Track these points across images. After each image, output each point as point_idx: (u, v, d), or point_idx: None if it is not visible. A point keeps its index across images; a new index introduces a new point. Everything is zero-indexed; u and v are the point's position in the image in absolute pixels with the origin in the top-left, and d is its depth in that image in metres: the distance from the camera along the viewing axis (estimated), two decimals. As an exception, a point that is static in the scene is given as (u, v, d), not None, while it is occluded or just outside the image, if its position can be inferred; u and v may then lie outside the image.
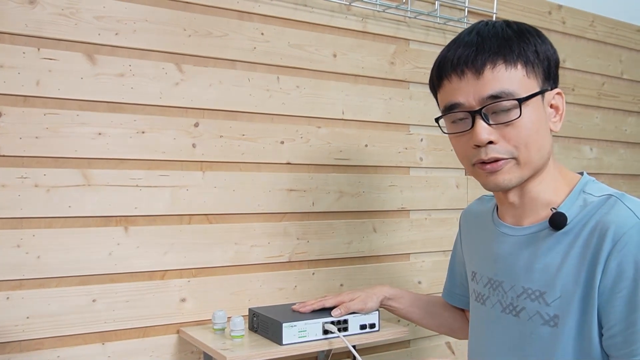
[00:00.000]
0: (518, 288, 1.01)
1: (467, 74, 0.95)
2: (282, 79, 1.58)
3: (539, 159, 0.98)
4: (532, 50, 0.95)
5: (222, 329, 1.38)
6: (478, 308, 1.12)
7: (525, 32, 0.97)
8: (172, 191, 1.43)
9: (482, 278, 1.11)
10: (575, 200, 0.99)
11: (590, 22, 2.26)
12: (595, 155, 2.28)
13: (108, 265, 1.36)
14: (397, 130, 1.78)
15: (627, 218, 0.90)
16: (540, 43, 0.97)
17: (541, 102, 0.97)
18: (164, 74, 1.42)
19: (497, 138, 0.95)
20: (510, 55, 0.94)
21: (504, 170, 0.97)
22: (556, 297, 0.95)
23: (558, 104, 1.00)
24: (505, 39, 0.95)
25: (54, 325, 1.30)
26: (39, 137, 1.29)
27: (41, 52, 1.29)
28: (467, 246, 1.23)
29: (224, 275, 1.50)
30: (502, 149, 0.95)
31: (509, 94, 0.93)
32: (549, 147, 0.99)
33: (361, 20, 1.71)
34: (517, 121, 0.94)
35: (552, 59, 0.99)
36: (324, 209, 1.65)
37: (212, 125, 1.48)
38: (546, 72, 0.97)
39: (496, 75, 0.93)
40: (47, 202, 1.30)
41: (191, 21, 1.45)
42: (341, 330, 1.33)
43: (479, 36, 0.96)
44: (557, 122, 1.00)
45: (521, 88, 0.94)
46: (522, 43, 0.95)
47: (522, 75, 0.94)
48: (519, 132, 0.94)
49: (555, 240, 0.98)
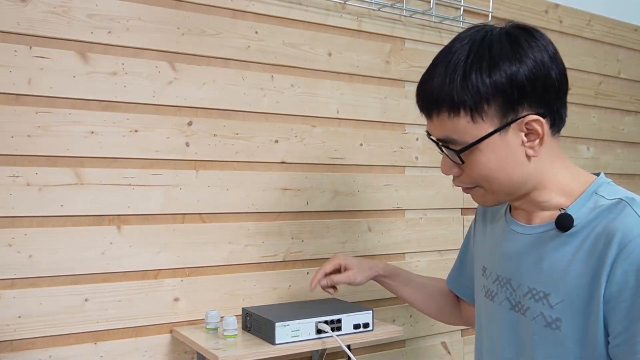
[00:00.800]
0: (524, 287, 1.01)
1: (425, 113, 1.00)
2: (277, 77, 1.57)
3: (506, 189, 0.97)
4: (474, 93, 0.91)
5: (215, 329, 1.37)
6: (487, 304, 1.11)
7: (474, 66, 0.91)
8: (165, 190, 1.43)
9: (492, 274, 1.10)
10: (586, 202, 0.96)
11: (587, 21, 2.26)
12: (592, 155, 2.28)
13: (100, 264, 1.35)
14: (393, 129, 1.78)
15: (634, 225, 0.88)
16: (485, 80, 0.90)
17: (500, 138, 0.93)
18: (157, 72, 1.42)
19: (458, 171, 0.99)
20: (451, 103, 0.93)
21: (476, 195, 1.01)
22: (560, 300, 0.94)
23: (536, 129, 0.93)
24: (449, 83, 0.93)
25: (45, 324, 1.30)
26: (30, 135, 1.28)
27: (33, 51, 1.29)
28: (479, 240, 1.21)
29: (217, 274, 1.49)
30: (465, 180, 0.99)
31: (451, 141, 0.95)
32: (521, 175, 0.96)
33: (356, 18, 1.70)
34: (465, 165, 0.96)
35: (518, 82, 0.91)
36: (319, 209, 1.64)
37: (206, 124, 1.48)
38: (505, 104, 0.91)
39: (441, 121, 0.95)
40: (39, 201, 1.29)
41: (184, 19, 1.45)
42: (334, 329, 1.32)
43: (431, 75, 0.97)
44: (536, 147, 0.94)
45: (466, 135, 0.93)
46: (462, 89, 0.91)
47: (466, 122, 0.93)
48: (472, 172, 0.97)
49: (561, 241, 0.96)
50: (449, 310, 1.36)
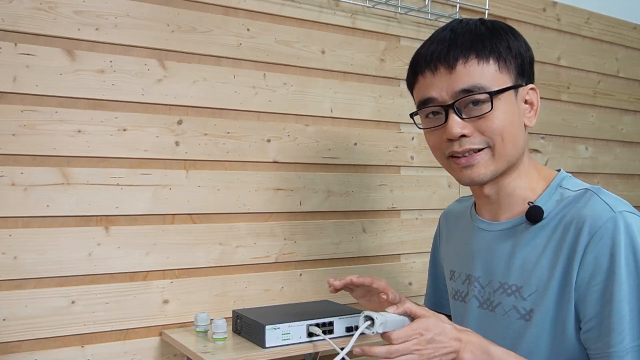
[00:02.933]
0: (495, 283, 1.02)
1: (440, 69, 0.97)
2: (269, 75, 1.55)
3: (513, 152, 0.98)
4: (505, 46, 0.97)
5: (204, 332, 1.35)
6: (457, 305, 1.13)
7: (499, 29, 0.99)
8: (155, 190, 1.40)
9: (461, 275, 1.12)
10: (552, 194, 0.99)
11: (586, 20, 2.23)
12: (591, 155, 2.25)
13: (88, 266, 1.33)
14: (388, 128, 1.75)
15: (602, 212, 0.91)
16: (512, 40, 0.98)
17: (514, 97, 0.98)
18: (146, 70, 1.39)
19: (470, 131, 0.97)
20: (483, 50, 0.96)
21: (480, 163, 0.98)
22: (532, 292, 0.96)
23: (532, 100, 1.01)
24: (477, 35, 0.97)
25: (31, 327, 1.27)
26: (15, 134, 1.26)
27: (18, 48, 1.26)
28: (447, 246, 1.22)
29: (208, 276, 1.47)
30: (476, 141, 0.97)
31: (480, 88, 0.95)
32: (523, 141, 1.00)
33: (350, 16, 1.68)
34: (489, 114, 0.95)
35: (526, 56, 1.00)
36: (312, 209, 1.61)
37: (196, 122, 1.45)
38: (519, 68, 0.99)
39: (468, 69, 0.95)
40: (25, 201, 1.26)
41: (174, 16, 1.42)
42: (326, 332, 1.30)
43: (452, 32, 0.99)
44: (531, 118, 1.01)
45: (493, 82, 0.95)
46: (494, 39, 0.97)
47: (494, 70, 0.96)
48: (492, 124, 0.96)
49: (532, 234, 0.98)
50: None
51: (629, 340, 0.86)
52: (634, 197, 2.37)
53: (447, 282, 1.19)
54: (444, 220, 1.27)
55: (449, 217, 1.25)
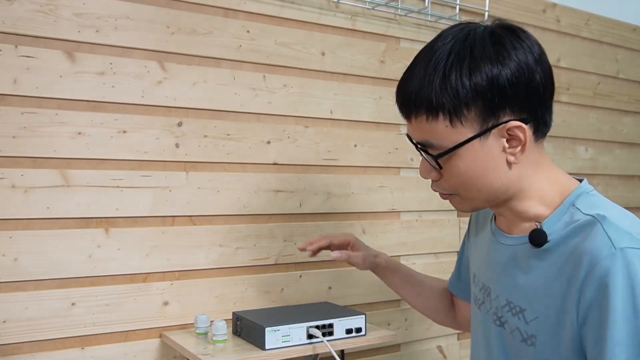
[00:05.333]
0: (502, 299, 0.99)
1: (404, 115, 0.96)
2: (269, 77, 1.55)
3: (485, 196, 0.94)
4: (453, 97, 0.87)
5: (204, 334, 1.35)
6: (475, 312, 1.10)
7: (454, 67, 0.87)
8: (155, 192, 1.40)
9: (479, 282, 1.08)
10: (563, 214, 0.92)
11: (586, 21, 2.23)
12: (591, 156, 2.25)
13: (88, 268, 1.33)
14: (387, 130, 1.75)
15: (602, 247, 0.84)
16: (465, 83, 0.86)
17: (480, 144, 0.89)
18: (146, 72, 1.39)
19: (437, 176, 0.95)
20: (429, 106, 0.89)
21: (454, 202, 0.98)
22: (534, 317, 0.92)
23: (517, 135, 0.89)
24: (427, 85, 0.88)
25: (31, 329, 1.27)
26: (16, 136, 1.26)
27: (19, 50, 1.26)
28: (472, 245, 1.18)
29: (208, 278, 1.47)
30: (443, 185, 0.96)
31: (429, 145, 0.92)
32: (501, 182, 0.92)
33: (350, 18, 1.68)
34: (443, 171, 0.93)
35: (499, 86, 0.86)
36: (312, 211, 1.61)
37: (196, 124, 1.45)
38: (486, 109, 0.87)
39: (419, 124, 0.92)
40: (25, 203, 1.26)
41: (174, 18, 1.42)
42: (326, 334, 1.30)
43: (410, 76, 0.92)
44: (517, 154, 0.90)
45: (444, 139, 0.89)
46: (442, 92, 0.87)
47: (444, 127, 0.89)
48: (451, 179, 0.93)
49: (538, 256, 0.93)
50: (445, 312, 1.34)
51: None
52: (634, 199, 2.38)
53: (471, 281, 1.15)
54: (473, 221, 1.21)
55: (476, 218, 1.19)
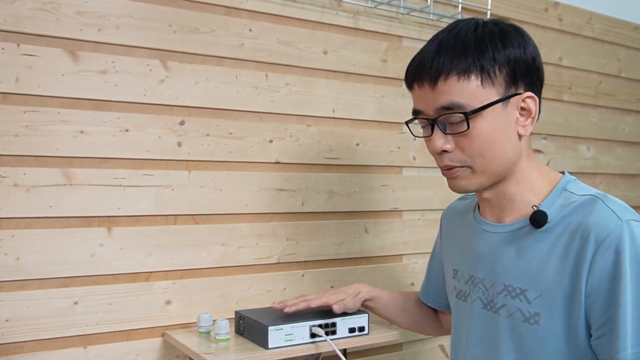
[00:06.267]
0: (499, 285, 1.02)
1: (424, 84, 0.98)
2: (271, 76, 1.55)
3: (497, 167, 0.99)
4: (489, 58, 0.95)
5: (207, 332, 1.35)
6: (459, 305, 1.13)
7: (486, 37, 0.96)
8: (157, 191, 1.40)
9: (464, 275, 1.12)
10: (556, 198, 0.99)
11: (587, 20, 2.23)
12: (593, 155, 2.25)
13: (90, 266, 1.32)
14: (390, 129, 1.75)
15: (609, 220, 0.91)
16: (500, 48, 0.96)
17: (501, 110, 0.97)
18: (148, 70, 1.39)
19: (452, 147, 0.98)
20: (464, 66, 0.95)
21: (460, 176, 1.00)
22: (538, 295, 0.96)
23: (530, 107, 0.99)
24: (461, 49, 0.95)
25: (34, 328, 1.27)
26: (18, 135, 1.25)
27: (21, 48, 1.26)
28: (448, 244, 1.23)
29: (210, 277, 1.46)
30: (455, 158, 0.99)
31: (458, 106, 0.95)
32: (513, 153, 0.99)
33: (352, 16, 1.68)
34: (468, 133, 0.96)
35: (520, 62, 0.97)
36: (314, 209, 1.61)
37: (199, 123, 1.45)
38: (510, 76, 0.96)
39: (448, 87, 0.95)
40: (27, 202, 1.26)
41: (177, 17, 1.42)
42: (329, 333, 1.29)
43: (438, 45, 0.98)
44: (527, 126, 0.99)
45: (474, 99, 0.95)
46: (477, 52, 0.95)
47: (475, 87, 0.95)
48: (471, 144, 0.97)
49: (536, 238, 0.98)
50: (429, 322, 1.36)
51: (630, 347, 0.87)
52: (635, 198, 2.37)
53: (448, 280, 1.20)
54: (445, 218, 1.28)
55: (450, 215, 1.26)
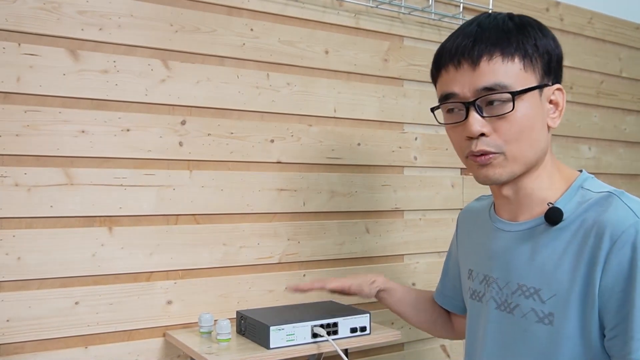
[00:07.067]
0: (513, 285, 1.00)
1: (464, 65, 0.94)
2: (272, 75, 1.54)
3: (531, 155, 0.96)
4: (532, 44, 0.94)
5: (208, 332, 1.34)
6: (474, 305, 1.11)
7: (527, 25, 0.96)
8: (158, 191, 1.40)
9: (478, 275, 1.10)
10: (573, 196, 0.97)
11: (589, 20, 2.22)
12: (594, 155, 2.25)
13: (91, 266, 1.32)
14: (391, 128, 1.75)
15: (625, 217, 0.89)
16: (541, 37, 0.96)
17: (538, 97, 0.95)
18: (149, 70, 1.38)
19: (489, 131, 0.94)
20: (508, 47, 0.93)
21: (494, 164, 0.96)
22: (552, 295, 0.94)
23: (558, 100, 0.98)
24: (504, 31, 0.94)
25: (35, 328, 1.27)
26: (19, 134, 1.25)
27: (22, 48, 1.26)
28: (464, 245, 1.21)
29: (211, 277, 1.46)
30: (492, 142, 0.95)
31: (503, 87, 0.92)
32: (544, 143, 0.98)
33: (354, 16, 1.67)
34: (510, 115, 0.93)
35: (554, 54, 0.97)
36: (316, 209, 1.61)
37: (200, 123, 1.45)
38: (546, 66, 0.96)
39: (492, 67, 0.93)
40: (28, 202, 1.26)
41: (178, 16, 1.42)
42: (331, 333, 1.29)
43: (478, 27, 0.96)
44: (555, 119, 0.99)
45: (517, 82, 0.93)
46: (521, 36, 0.94)
47: (518, 69, 0.93)
48: (512, 126, 0.93)
49: (551, 236, 0.96)
50: (441, 323, 1.34)
51: None
52: (637, 198, 2.37)
53: (464, 281, 1.17)
54: (462, 219, 1.25)
55: (467, 215, 1.23)
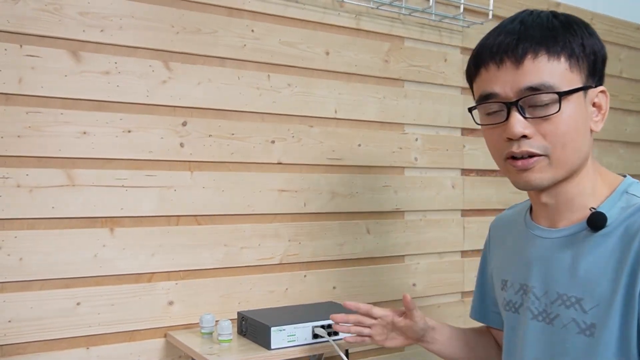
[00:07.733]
0: (552, 294, 0.95)
1: (506, 63, 0.89)
2: (273, 77, 1.55)
3: (575, 160, 0.91)
4: (578, 43, 0.89)
5: (209, 333, 1.35)
6: (510, 317, 1.04)
7: (573, 23, 0.91)
8: (160, 192, 1.40)
9: (514, 285, 1.03)
10: (617, 201, 0.92)
11: (589, 20, 2.21)
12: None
13: (93, 267, 1.33)
14: (392, 129, 1.75)
15: None
16: (587, 36, 0.90)
17: (583, 99, 0.90)
18: (150, 71, 1.39)
19: (532, 132, 0.89)
20: (554, 46, 0.88)
21: (536, 168, 0.90)
22: (594, 305, 0.89)
23: (601, 103, 0.93)
24: (549, 29, 0.89)
25: (37, 329, 1.27)
26: (21, 136, 1.26)
27: (24, 49, 1.26)
28: (498, 255, 1.13)
29: (213, 277, 1.46)
30: (535, 144, 0.89)
31: (548, 87, 0.87)
32: (588, 147, 0.92)
33: (354, 17, 1.68)
34: (555, 116, 0.87)
35: (599, 55, 0.92)
36: (316, 210, 1.61)
37: (201, 124, 1.45)
38: (591, 67, 0.91)
39: (537, 66, 0.87)
40: (30, 203, 1.26)
41: (179, 17, 1.42)
42: (331, 334, 1.29)
43: (522, 24, 0.90)
44: (598, 122, 0.93)
45: (562, 82, 0.88)
46: (567, 35, 0.89)
47: (564, 69, 0.88)
48: (556, 129, 0.88)
49: (594, 243, 0.91)
50: (493, 347, 1.22)
51: None
52: (637, 198, 2.37)
53: (497, 292, 1.10)
54: (494, 229, 1.17)
55: (500, 224, 1.16)
